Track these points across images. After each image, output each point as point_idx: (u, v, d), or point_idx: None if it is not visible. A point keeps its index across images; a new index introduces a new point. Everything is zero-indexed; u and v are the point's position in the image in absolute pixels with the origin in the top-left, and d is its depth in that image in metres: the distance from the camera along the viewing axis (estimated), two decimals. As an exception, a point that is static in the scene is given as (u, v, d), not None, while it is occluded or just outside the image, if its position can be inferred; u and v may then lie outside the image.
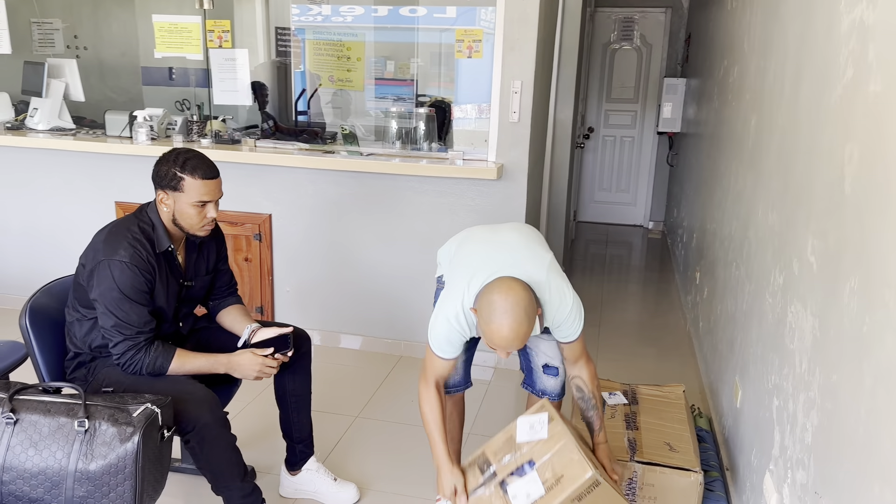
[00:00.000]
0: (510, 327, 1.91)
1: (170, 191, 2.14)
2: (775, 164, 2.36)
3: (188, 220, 2.16)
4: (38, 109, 4.06)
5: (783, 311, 2.09)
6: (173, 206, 2.15)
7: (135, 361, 2.09)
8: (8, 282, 4.20)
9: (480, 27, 5.30)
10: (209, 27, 3.76)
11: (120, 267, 2.06)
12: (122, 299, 2.06)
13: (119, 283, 2.05)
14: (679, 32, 6.49)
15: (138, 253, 2.09)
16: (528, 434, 2.06)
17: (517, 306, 1.92)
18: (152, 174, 2.18)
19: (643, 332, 4.40)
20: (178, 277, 2.26)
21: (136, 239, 2.11)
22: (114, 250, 2.07)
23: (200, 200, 2.14)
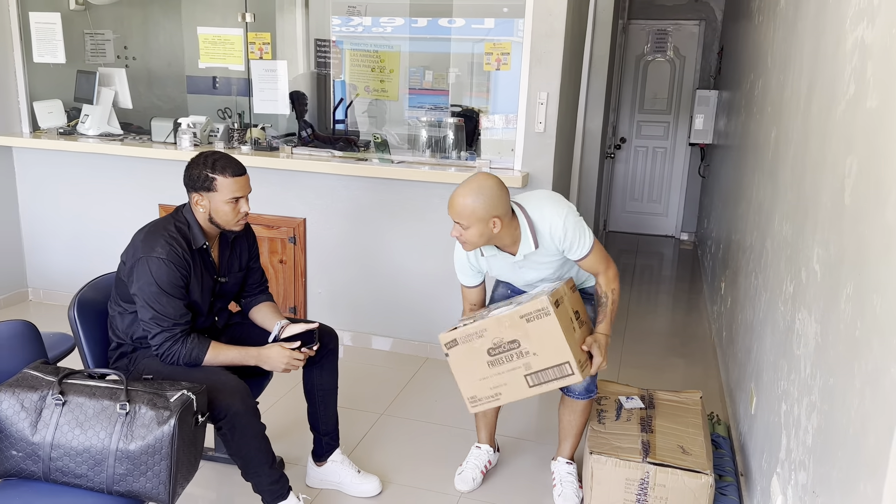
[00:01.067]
0: (455, 194, 2.24)
1: (204, 192, 2.29)
2: (790, 176, 2.42)
3: (224, 216, 2.31)
4: (89, 116, 4.28)
5: (792, 318, 2.15)
6: (209, 206, 2.30)
7: (172, 352, 2.23)
8: (57, 278, 4.43)
9: (518, 37, 5.42)
10: (251, 39, 3.94)
11: (157, 263, 2.21)
12: (159, 293, 2.21)
13: (157, 278, 2.20)
14: (712, 45, 6.51)
15: (174, 250, 2.24)
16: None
17: (473, 181, 2.25)
18: (184, 179, 2.33)
19: (669, 341, 4.44)
20: (212, 273, 2.41)
21: (172, 237, 2.27)
22: (151, 248, 2.23)
23: (233, 197, 2.30)
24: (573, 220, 2.36)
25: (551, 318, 2.21)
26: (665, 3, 6.56)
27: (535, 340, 2.25)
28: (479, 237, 2.28)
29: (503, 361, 2.30)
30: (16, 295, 4.43)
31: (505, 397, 2.35)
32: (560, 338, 2.22)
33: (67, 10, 4.49)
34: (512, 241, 2.36)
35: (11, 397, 1.88)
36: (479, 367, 2.32)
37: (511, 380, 2.31)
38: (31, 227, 4.43)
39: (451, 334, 2.33)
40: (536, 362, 2.27)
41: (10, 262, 4.40)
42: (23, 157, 4.34)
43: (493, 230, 2.26)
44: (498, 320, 2.26)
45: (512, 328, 2.25)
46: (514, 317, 2.24)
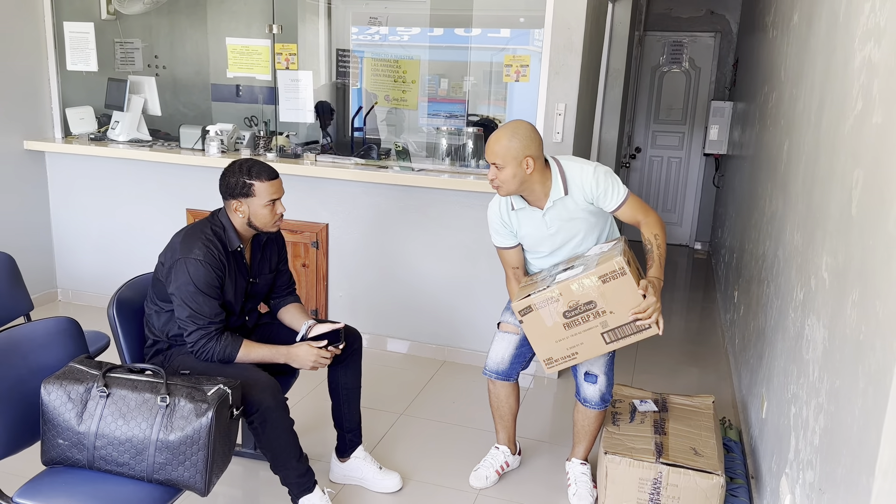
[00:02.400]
0: (491, 137, 2.40)
1: (242, 198, 2.41)
2: (801, 187, 2.50)
3: (262, 219, 2.44)
4: (119, 122, 4.43)
5: (802, 324, 2.23)
6: (248, 211, 2.42)
7: (207, 349, 2.35)
8: (86, 279, 4.57)
9: (535, 47, 5.52)
10: (278, 50, 4.07)
11: (195, 264, 2.33)
12: (196, 293, 2.32)
13: (194, 279, 2.32)
14: (727, 57, 6.59)
15: (211, 252, 2.37)
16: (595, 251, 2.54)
17: (508, 125, 2.41)
18: (221, 187, 2.45)
19: (683, 349, 4.50)
20: (244, 275, 2.52)
21: (209, 240, 2.39)
22: (189, 249, 2.35)
23: (271, 199, 2.43)
24: (603, 170, 2.47)
25: (627, 277, 2.29)
26: (681, 15, 6.64)
27: (611, 299, 2.32)
28: (513, 178, 2.38)
29: (579, 322, 2.37)
30: (46, 295, 4.57)
31: (581, 355, 2.44)
32: (637, 294, 2.31)
33: (99, 19, 4.64)
34: (543, 193, 2.46)
35: (59, 389, 1.99)
36: (555, 329, 2.40)
37: (588, 339, 2.39)
38: (62, 229, 4.57)
39: (525, 301, 2.40)
40: (613, 320, 2.35)
41: (41, 263, 4.54)
42: (55, 161, 4.49)
43: (526, 171, 2.38)
44: (572, 283, 2.33)
45: (588, 290, 2.32)
46: (590, 278, 2.31)
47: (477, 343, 3.86)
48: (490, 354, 2.78)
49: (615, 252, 2.39)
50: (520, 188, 2.44)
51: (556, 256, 2.61)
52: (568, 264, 2.52)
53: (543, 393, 3.73)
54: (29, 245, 4.43)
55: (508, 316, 2.76)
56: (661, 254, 2.48)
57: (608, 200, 2.48)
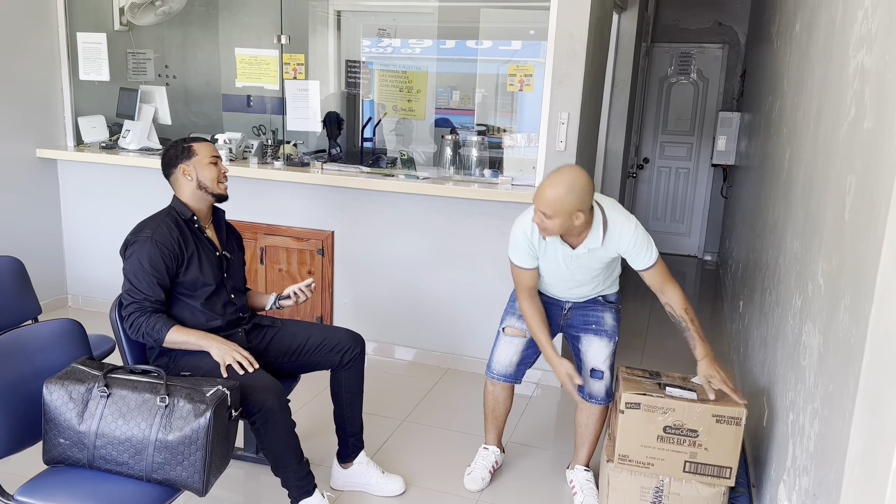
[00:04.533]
0: (546, 184, 2.36)
1: (186, 160, 2.52)
2: (800, 195, 2.51)
3: (209, 177, 2.53)
4: (130, 131, 4.50)
5: (799, 331, 2.23)
6: (195, 173, 2.52)
7: (138, 323, 2.37)
8: (96, 285, 4.62)
9: (543, 58, 5.55)
10: (286, 60, 4.12)
11: (142, 242, 2.42)
12: (138, 269, 2.40)
13: (139, 255, 2.41)
14: (735, 67, 6.59)
15: (160, 229, 2.45)
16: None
17: (565, 175, 2.36)
18: (164, 165, 2.57)
19: (687, 360, 4.47)
20: (212, 248, 2.58)
21: (160, 220, 2.50)
22: (140, 230, 2.47)
23: (213, 156, 2.55)
24: (642, 230, 2.54)
25: (741, 428, 2.39)
26: (689, 26, 6.66)
27: (713, 438, 2.41)
28: (560, 227, 2.42)
29: (673, 441, 2.45)
30: (56, 301, 4.63)
31: (655, 469, 2.49)
32: (737, 447, 2.40)
33: (112, 30, 4.72)
34: (581, 235, 2.49)
35: (61, 389, 2.02)
36: (648, 435, 2.46)
37: (670, 459, 2.46)
38: (73, 236, 4.63)
39: (637, 397, 2.46)
40: (703, 456, 2.43)
41: (52, 269, 4.60)
42: (67, 169, 4.56)
43: (575, 223, 2.40)
44: (690, 405, 2.41)
45: (699, 419, 2.41)
46: (706, 411, 2.40)
47: (481, 350, 3.87)
48: (495, 357, 2.80)
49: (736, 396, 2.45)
50: (566, 236, 2.51)
51: (564, 284, 2.69)
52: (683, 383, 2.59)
53: (547, 401, 3.73)
54: (40, 251, 4.50)
55: (514, 320, 2.79)
56: (697, 327, 2.58)
57: (639, 260, 2.53)
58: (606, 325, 2.74)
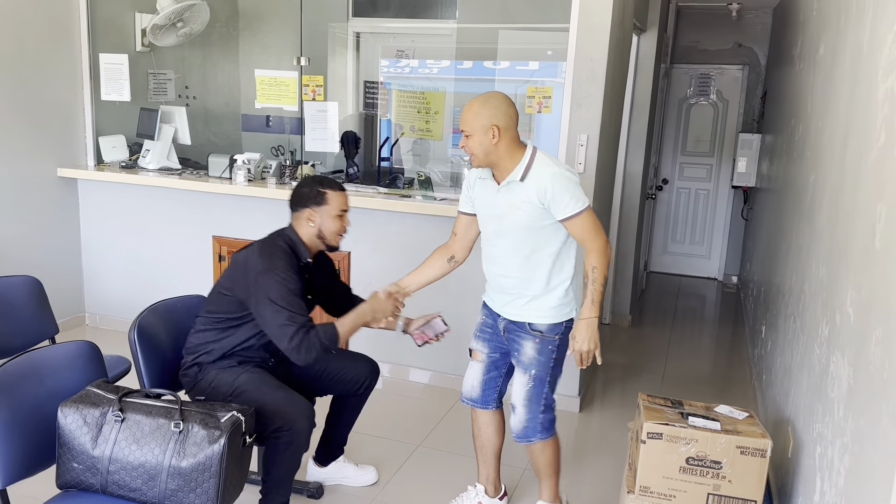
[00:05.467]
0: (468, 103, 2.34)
1: (315, 206, 2.53)
2: (826, 221, 2.46)
3: (331, 229, 2.56)
4: (149, 151, 4.52)
5: (827, 361, 2.17)
6: (319, 221, 2.53)
7: (313, 341, 2.37)
8: (113, 304, 4.63)
9: (562, 78, 5.55)
10: (305, 81, 4.14)
11: (282, 272, 2.42)
12: (290, 296, 2.40)
13: (286, 284, 2.41)
14: (756, 89, 6.54)
15: (291, 261, 2.48)
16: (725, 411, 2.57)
17: (483, 95, 2.35)
18: (293, 199, 2.58)
19: (709, 385, 4.41)
20: (306, 292, 2.59)
21: (285, 252, 2.50)
22: (272, 261, 2.45)
23: (341, 210, 2.56)
24: (567, 177, 2.33)
25: (766, 460, 2.33)
26: (708, 48, 6.63)
27: (737, 470, 2.35)
28: (479, 146, 2.31)
29: (696, 473, 2.39)
30: (74, 319, 4.64)
31: (676, 502, 2.43)
32: (762, 480, 2.35)
33: (134, 51, 4.77)
34: (507, 172, 2.36)
35: (75, 413, 2.01)
36: (670, 467, 2.40)
37: (693, 491, 2.40)
38: (92, 254, 4.66)
39: (659, 427, 2.40)
40: (727, 488, 2.37)
41: (70, 288, 4.62)
42: (87, 188, 4.59)
43: (492, 140, 2.29)
44: (714, 436, 2.36)
45: (723, 450, 2.35)
46: (730, 442, 2.34)
47: (497, 374, 3.81)
48: (464, 379, 2.75)
49: (758, 428, 2.43)
50: (487, 159, 2.36)
51: (498, 247, 2.50)
52: (706, 412, 2.53)
53: (564, 427, 3.65)
54: (59, 269, 4.52)
55: (475, 342, 2.72)
56: (595, 289, 2.39)
57: (557, 207, 2.32)
58: (524, 356, 2.49)
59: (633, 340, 5.17)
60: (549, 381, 2.51)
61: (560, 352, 2.48)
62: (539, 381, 2.49)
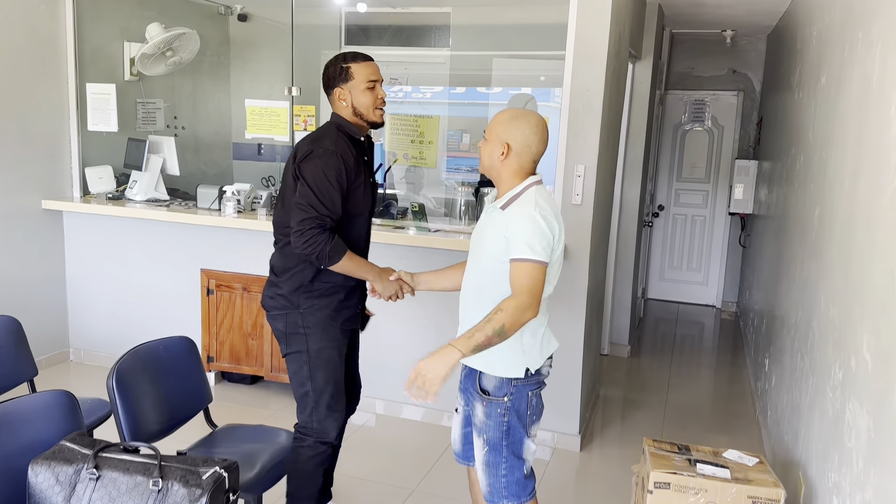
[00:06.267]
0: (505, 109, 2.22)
1: (342, 84, 2.40)
2: (836, 257, 2.37)
3: (364, 103, 2.41)
4: (137, 182, 4.42)
5: (842, 407, 2.07)
6: (350, 98, 2.40)
7: (318, 240, 2.27)
8: (98, 340, 4.50)
9: (555, 103, 5.50)
10: (296, 111, 4.06)
11: (327, 154, 2.30)
12: (323, 182, 2.28)
13: (324, 168, 2.30)
14: (751, 115, 6.51)
15: (340, 142, 2.35)
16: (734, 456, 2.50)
17: (519, 109, 2.23)
18: (323, 82, 2.45)
19: (712, 419, 4.30)
20: (370, 171, 2.49)
21: (336, 133, 2.39)
22: (320, 143, 2.34)
23: (370, 80, 2.40)
24: (534, 223, 2.06)
25: None
26: (703, 74, 6.61)
27: None
28: (488, 157, 2.19)
29: None
30: (58, 355, 4.51)
31: None
32: None
33: (122, 80, 4.69)
34: (501, 193, 2.20)
35: (47, 470, 1.88)
36: None
37: None
38: (76, 288, 4.53)
39: (667, 476, 2.32)
40: None
41: (54, 323, 4.49)
42: (72, 220, 4.48)
43: (500, 157, 2.15)
44: (722, 487, 2.28)
45: (734, 500, 2.28)
46: (741, 492, 2.27)
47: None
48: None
49: (770, 476, 2.38)
50: (489, 171, 2.23)
51: (467, 272, 2.34)
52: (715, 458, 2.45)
53: (565, 468, 3.54)
54: (43, 304, 4.39)
55: (458, 393, 2.45)
56: (484, 329, 2.03)
57: (511, 245, 2.07)
58: (476, 419, 2.26)
59: (632, 372, 5.06)
60: (508, 446, 2.20)
61: (513, 416, 2.19)
62: (494, 446, 2.21)
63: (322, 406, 2.48)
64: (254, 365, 4.16)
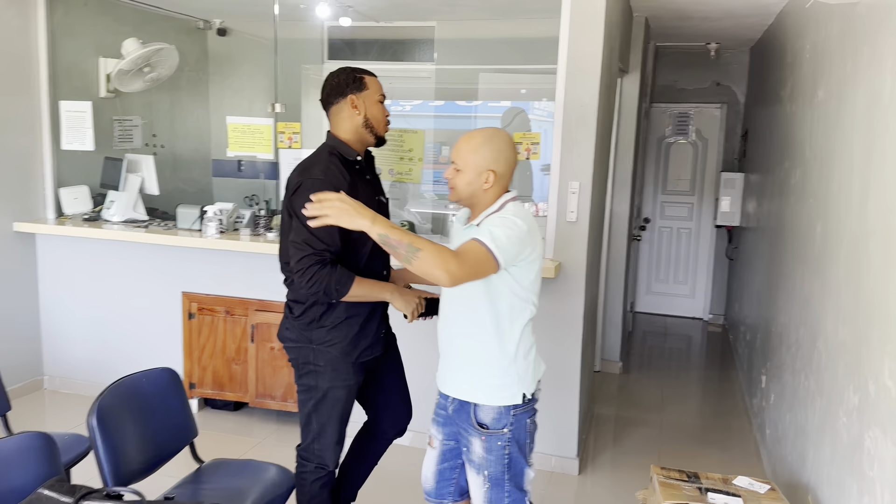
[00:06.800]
0: (463, 136, 2.10)
1: (357, 92, 2.31)
2: (844, 276, 2.31)
3: (377, 116, 2.34)
4: (114, 202, 4.27)
5: (860, 434, 2.00)
6: (365, 108, 2.32)
7: (319, 278, 2.16)
8: (74, 367, 4.33)
9: (536, 115, 5.46)
10: (280, 128, 3.94)
11: (315, 185, 2.16)
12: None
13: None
14: (735, 128, 6.50)
15: (330, 168, 2.24)
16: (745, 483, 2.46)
17: (488, 130, 2.12)
18: (328, 92, 2.34)
19: (707, 435, 4.23)
20: (375, 191, 2.37)
21: (327, 157, 2.29)
22: (309, 172, 2.25)
23: (381, 94, 2.36)
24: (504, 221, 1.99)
25: None
26: (686, 87, 6.60)
27: None
28: (467, 186, 2.06)
29: None
30: (32, 383, 4.32)
31: None
32: None
33: (98, 98, 4.54)
34: (479, 213, 2.09)
35: (23, 522, 1.74)
36: None
37: None
38: (51, 314, 4.36)
39: None
40: None
41: (28, 350, 4.31)
42: (46, 243, 4.31)
43: (484, 185, 2.05)
44: None
45: None
46: None
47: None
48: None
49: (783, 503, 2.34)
50: (469, 200, 2.11)
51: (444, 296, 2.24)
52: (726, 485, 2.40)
53: (564, 493, 3.44)
54: (15, 330, 4.21)
55: (431, 427, 2.34)
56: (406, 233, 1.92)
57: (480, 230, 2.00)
58: (474, 455, 2.14)
59: (624, 389, 4.99)
60: (510, 479, 2.12)
61: (514, 448, 2.12)
62: (496, 482, 2.12)
63: (323, 438, 2.42)
64: (238, 391, 4.02)
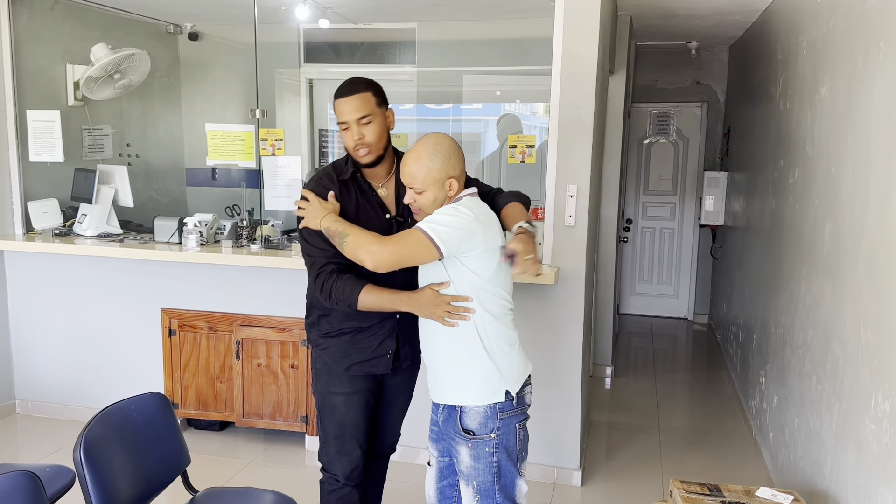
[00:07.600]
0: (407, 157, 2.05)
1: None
2: (865, 279, 2.24)
3: (347, 145, 2.18)
4: (86, 215, 4.07)
5: (892, 442, 1.93)
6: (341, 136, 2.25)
7: (326, 285, 2.14)
8: (47, 387, 4.11)
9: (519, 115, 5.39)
10: (263, 135, 3.78)
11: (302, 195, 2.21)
12: (304, 229, 2.20)
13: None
14: (716, 126, 6.49)
15: (320, 183, 2.21)
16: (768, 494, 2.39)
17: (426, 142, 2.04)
18: None
19: (706, 440, 4.16)
20: (383, 211, 2.26)
21: (323, 173, 2.25)
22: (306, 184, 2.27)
23: (340, 122, 2.17)
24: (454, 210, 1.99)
25: None
26: (666, 86, 6.57)
27: None
28: (434, 203, 2.04)
29: None
30: (3, 408, 4.10)
31: None
32: None
33: (66, 106, 4.34)
34: None
35: (10, 575, 1.59)
36: None
37: None
38: (21, 335, 4.14)
39: None
40: None
41: (-3, 373, 4.10)
42: (14, 260, 4.10)
43: (449, 193, 2.04)
44: None
45: None
46: None
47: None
48: None
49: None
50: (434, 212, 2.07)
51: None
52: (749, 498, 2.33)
53: (566, 503, 3.34)
54: (-16, 353, 4.00)
55: (429, 444, 2.29)
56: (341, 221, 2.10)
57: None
58: (462, 465, 2.09)
59: (617, 394, 4.92)
60: (500, 490, 2.06)
61: (503, 454, 2.05)
62: (485, 492, 2.06)
63: (327, 446, 2.39)
64: (223, 410, 3.85)
